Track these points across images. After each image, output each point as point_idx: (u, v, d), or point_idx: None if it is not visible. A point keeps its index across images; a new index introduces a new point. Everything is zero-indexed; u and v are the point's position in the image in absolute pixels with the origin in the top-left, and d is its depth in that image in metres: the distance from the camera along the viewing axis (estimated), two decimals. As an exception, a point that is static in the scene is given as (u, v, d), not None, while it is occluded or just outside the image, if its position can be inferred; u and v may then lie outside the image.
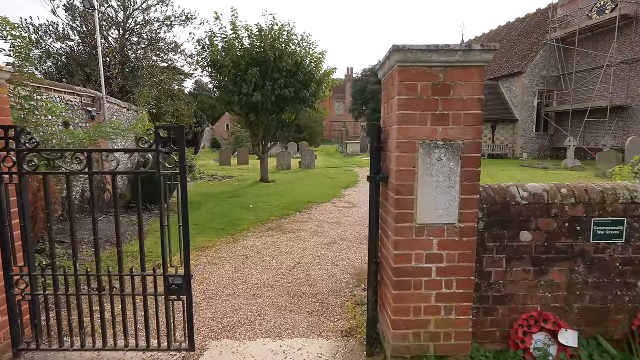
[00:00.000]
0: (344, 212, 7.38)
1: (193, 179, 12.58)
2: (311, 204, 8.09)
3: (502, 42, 26.21)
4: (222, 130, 51.94)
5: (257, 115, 10.92)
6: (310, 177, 13.17)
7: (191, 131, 17.12)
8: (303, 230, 5.93)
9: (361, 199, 8.81)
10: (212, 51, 9.90)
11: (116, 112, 9.10)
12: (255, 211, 7.23)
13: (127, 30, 14.35)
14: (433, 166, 2.04)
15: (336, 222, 6.54)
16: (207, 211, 7.22)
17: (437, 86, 2.01)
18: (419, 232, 2.11)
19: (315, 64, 10.45)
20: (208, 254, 4.78)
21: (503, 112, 22.08)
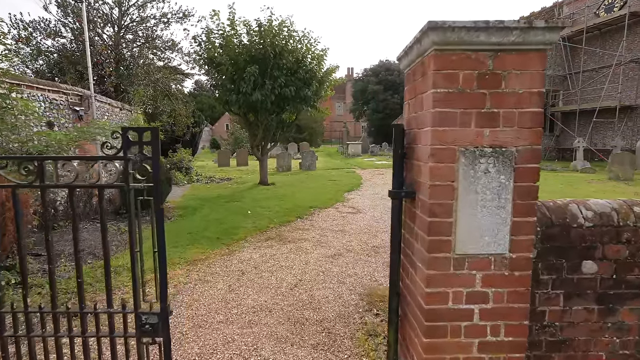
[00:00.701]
0: (348, 218, 6.91)
1: (190, 181, 12.13)
2: (313, 209, 7.62)
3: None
4: (222, 131, 51.49)
5: (256, 115, 10.46)
6: (311, 179, 12.71)
7: (189, 132, 16.64)
8: (305, 240, 5.47)
9: (365, 203, 8.34)
10: (209, 48, 9.44)
11: (107, 111, 8.64)
12: (254, 218, 6.76)
13: (123, 27, 13.90)
14: (478, 180, 1.57)
15: (340, 230, 6.07)
16: (202, 218, 6.75)
17: (484, 76, 1.54)
18: (459, 265, 1.64)
19: (317, 61, 10.00)
20: (200, 268, 4.31)
21: (508, 113, 21.58)
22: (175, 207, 7.81)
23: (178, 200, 8.69)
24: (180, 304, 3.38)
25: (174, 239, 5.39)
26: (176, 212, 7.26)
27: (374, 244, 5.28)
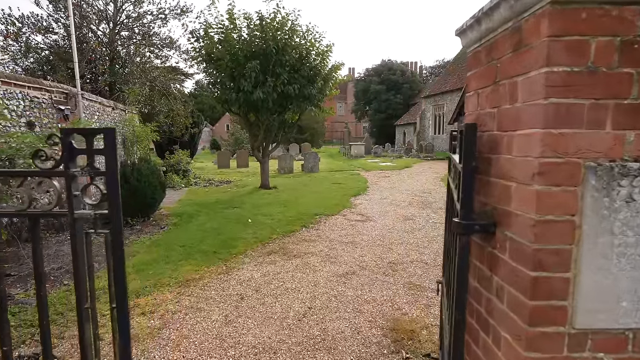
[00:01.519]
0: (358, 227, 6.32)
1: (187, 184, 11.55)
2: (319, 216, 7.03)
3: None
4: (222, 131, 51.01)
5: (257, 115, 9.88)
6: (314, 182, 12.12)
7: (188, 132, 16.06)
8: (312, 254, 4.88)
9: (374, 210, 7.75)
10: (208, 43, 8.85)
11: (98, 111, 8.07)
12: (255, 227, 6.17)
13: (118, 24, 13.34)
14: (616, 214, 0.99)
15: (351, 242, 5.48)
16: (198, 227, 6.16)
17: (631, 46, 0.95)
18: (577, 345, 1.05)
19: (322, 58, 9.42)
20: (193, 292, 3.72)
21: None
22: (169, 214, 7.22)
23: (173, 206, 8.11)
24: (166, 343, 2.79)
25: (165, 253, 4.81)
26: (170, 220, 6.67)
27: (390, 259, 4.69)
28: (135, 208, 6.21)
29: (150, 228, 6.17)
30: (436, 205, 8.17)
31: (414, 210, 7.75)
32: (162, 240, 5.39)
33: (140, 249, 4.98)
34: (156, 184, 6.45)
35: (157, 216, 6.92)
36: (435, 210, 7.64)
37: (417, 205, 8.22)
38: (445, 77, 31.61)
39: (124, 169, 6.16)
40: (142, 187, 6.16)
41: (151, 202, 6.40)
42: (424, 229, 6.14)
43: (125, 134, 10.02)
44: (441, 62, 51.93)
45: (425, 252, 4.96)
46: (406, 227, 6.33)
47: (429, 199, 8.95)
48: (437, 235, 5.73)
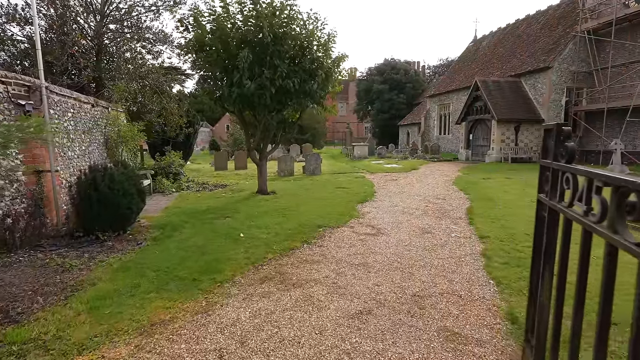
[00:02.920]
0: (368, 243, 5.37)
1: (179, 189, 10.62)
2: (323, 229, 6.09)
3: (522, 37, 24.22)
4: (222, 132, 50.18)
5: (253, 113, 8.95)
6: (317, 186, 11.17)
7: (182, 132, 15.12)
8: (316, 282, 3.93)
9: (385, 220, 6.80)
10: (199, 33, 7.90)
11: (72, 108, 7.13)
12: (247, 243, 5.22)
13: (106, 16, 12.41)
14: None
15: (362, 263, 4.53)
16: (180, 243, 5.21)
17: None
18: None
19: (324, 48, 8.46)
20: (156, 345, 2.76)
21: (527, 112, 20.03)
22: (151, 225, 6.29)
23: (158, 215, 7.17)
24: None
25: (133, 281, 3.86)
26: (150, 234, 5.73)
27: (413, 289, 3.74)
28: (106, 220, 5.27)
29: (124, 244, 5.23)
30: (455, 215, 7.22)
31: (430, 220, 6.80)
32: (133, 261, 4.45)
33: (103, 275, 4.04)
34: (132, 191, 5.51)
35: (136, 229, 5.98)
36: (455, 221, 6.68)
37: (432, 215, 7.27)
38: (451, 76, 30.66)
39: (94, 175, 5.23)
40: (114, 196, 5.23)
41: (126, 214, 5.46)
42: (448, 246, 5.19)
43: (108, 134, 9.10)
44: (445, 61, 50.99)
45: (454, 278, 4.01)
46: (425, 243, 5.38)
47: (445, 207, 7.99)
48: (465, 255, 4.78)
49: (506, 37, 26.57)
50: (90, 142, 8.02)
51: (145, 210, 7.49)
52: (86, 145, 7.73)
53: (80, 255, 4.69)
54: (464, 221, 6.72)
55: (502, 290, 3.66)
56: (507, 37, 26.28)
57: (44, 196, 5.76)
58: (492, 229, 5.94)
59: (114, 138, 9.23)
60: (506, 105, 19.90)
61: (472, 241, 5.41)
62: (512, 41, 25.21)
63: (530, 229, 5.74)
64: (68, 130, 6.90)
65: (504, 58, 24.50)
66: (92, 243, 5.17)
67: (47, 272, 4.11)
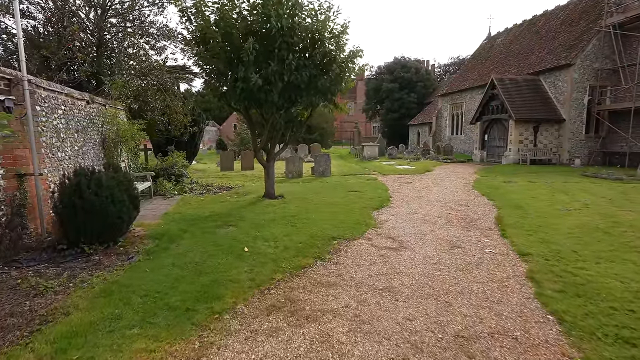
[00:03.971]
0: (391, 260, 4.66)
1: (181, 191, 10.00)
2: (337, 241, 5.39)
3: (540, 33, 23.21)
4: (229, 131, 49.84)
5: (260, 111, 8.29)
6: (327, 189, 10.48)
7: (187, 132, 14.55)
8: (333, 314, 3.24)
9: (406, 230, 6.08)
10: (202, 24, 7.26)
11: (63, 104, 6.55)
12: (252, 260, 4.55)
13: (107, 9, 11.88)
14: None
15: (387, 288, 3.83)
16: (174, 259, 4.55)
17: None
18: None
19: (337, 41, 7.75)
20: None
21: (547, 112, 19.06)
22: (146, 235, 5.66)
23: (156, 222, 6.55)
24: None
25: (115, 311, 3.22)
26: (144, 246, 5.09)
27: (454, 327, 3.03)
28: (92, 231, 4.65)
29: (113, 259, 4.60)
30: (483, 225, 6.47)
31: (456, 231, 6.07)
32: (119, 283, 3.81)
33: (81, 301, 3.40)
34: (123, 198, 4.88)
35: (129, 239, 5.35)
36: (484, 233, 5.94)
37: (458, 224, 6.53)
38: (464, 74, 29.70)
39: (79, 179, 4.60)
40: (102, 204, 4.60)
41: (116, 223, 4.84)
42: (484, 266, 4.46)
43: (105, 133, 8.52)
44: (456, 59, 49.90)
45: (503, 311, 3.29)
46: (457, 260, 4.65)
47: (470, 215, 7.24)
48: (508, 278, 4.05)
49: (522, 33, 25.55)
50: (85, 142, 7.44)
51: (143, 217, 6.89)
52: (79, 145, 7.15)
53: (59, 274, 4.07)
54: (495, 233, 5.97)
55: (568, 331, 2.93)
56: (524, 34, 25.27)
57: (27, 202, 5.17)
58: (531, 243, 5.19)
59: (112, 137, 8.66)
60: (524, 104, 18.97)
61: (512, 259, 4.67)
62: (529, 38, 24.20)
63: (577, 245, 5.00)
64: (58, 129, 6.31)
65: (521, 55, 23.51)
66: (76, 257, 4.55)
67: (17, 297, 3.49)
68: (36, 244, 5.02)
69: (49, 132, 5.99)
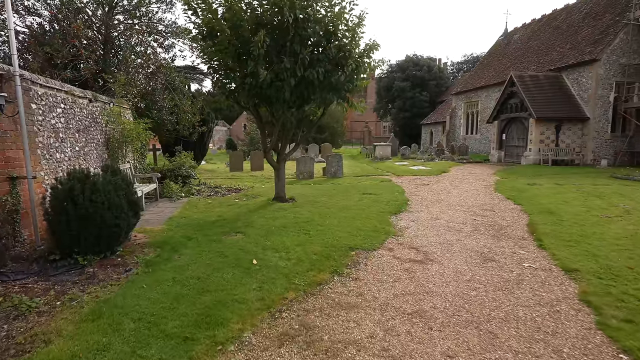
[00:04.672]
0: (417, 276, 4.12)
1: (188, 193, 9.60)
2: (355, 252, 4.88)
3: (561, 28, 22.24)
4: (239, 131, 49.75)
5: (270, 109, 7.81)
6: (340, 192, 9.96)
7: (196, 131, 14.22)
8: (357, 348, 2.73)
9: (430, 240, 5.53)
10: (209, 18, 6.81)
11: (63, 102, 6.18)
12: (262, 274, 4.07)
13: (114, 6, 11.58)
14: None
15: (416, 311, 3.30)
16: (175, 273, 4.10)
17: None
18: None
19: (352, 34, 7.22)
20: None
21: (570, 110, 18.16)
22: (148, 242, 5.23)
23: (159, 227, 6.13)
24: None
25: (103, 338, 2.76)
26: (143, 256, 4.66)
27: (506, 366, 2.49)
28: (87, 240, 4.22)
29: (109, 271, 4.17)
30: (514, 233, 5.87)
31: (485, 240, 5.49)
32: (111, 302, 3.36)
33: (66, 325, 2.97)
34: (121, 204, 4.45)
35: (128, 248, 4.93)
36: (518, 243, 5.34)
37: (485, 232, 5.94)
38: (479, 72, 28.78)
39: (71, 184, 4.18)
40: (97, 210, 4.18)
41: (114, 232, 4.41)
42: (526, 284, 3.88)
43: (109, 133, 8.17)
44: (469, 57, 48.77)
45: (562, 347, 2.73)
46: (492, 277, 4.09)
47: (498, 221, 6.64)
48: (558, 301, 3.47)
49: (542, 29, 24.56)
50: (87, 142, 7.07)
51: (146, 221, 6.50)
52: (81, 145, 6.78)
53: (47, 289, 3.65)
54: (530, 243, 5.36)
55: (651, 378, 2.36)
56: (544, 29, 24.28)
57: (20, 208, 4.79)
58: (576, 257, 4.58)
59: (116, 137, 8.30)
60: (546, 102, 18.11)
61: (557, 276, 4.08)
62: (549, 33, 23.23)
63: (631, 260, 4.36)
64: (57, 129, 5.94)
65: (541, 51, 22.57)
66: (69, 269, 4.14)
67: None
68: (29, 252, 4.63)
69: (47, 131, 5.62)
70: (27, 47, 9.38)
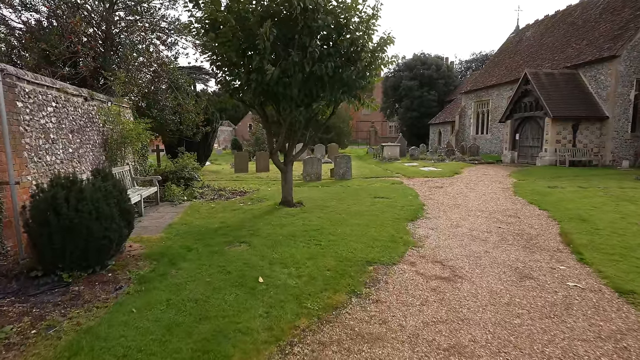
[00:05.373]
0: (447, 297, 3.58)
1: (190, 197, 9.14)
2: (373, 267, 4.34)
3: (577, 23, 21.48)
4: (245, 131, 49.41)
5: (277, 107, 7.31)
6: (350, 195, 9.43)
7: (200, 132, 13.79)
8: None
9: (455, 251, 4.98)
10: (213, 9, 6.31)
11: (55, 101, 5.73)
12: (268, 295, 3.55)
13: (115, 2, 11.16)
14: None
15: (454, 346, 2.76)
16: (171, 293, 3.60)
17: None
18: None
19: (366, 26, 6.69)
20: None
21: (587, 108, 17.43)
22: (144, 254, 4.75)
23: (158, 235, 5.65)
24: None
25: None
26: (137, 271, 4.17)
27: None
28: (72, 255, 3.75)
29: (97, 289, 3.69)
30: (547, 244, 5.29)
31: (516, 252, 4.93)
32: (93, 333, 2.87)
33: None
34: (111, 213, 3.97)
35: (122, 261, 4.45)
36: (554, 256, 4.77)
37: (515, 242, 5.38)
38: (490, 70, 28.04)
39: (55, 191, 3.71)
40: (83, 221, 3.70)
41: (103, 245, 3.93)
42: (576, 309, 3.32)
43: (107, 133, 7.73)
44: (478, 55, 47.91)
45: (643, 399, 2.17)
46: (535, 299, 3.53)
47: (525, 229, 6.06)
48: (621, 333, 2.91)
49: (556, 25, 23.79)
50: (82, 144, 6.63)
51: (145, 229, 6.04)
52: (75, 147, 6.33)
53: (22, 314, 3.18)
54: (567, 256, 4.79)
55: None
56: (558, 25, 23.51)
57: (2, 217, 4.34)
58: (627, 274, 4.01)
59: (114, 138, 7.86)
60: (562, 101, 17.40)
61: (610, 300, 3.51)
62: (564, 29, 22.46)
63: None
64: (47, 129, 5.49)
65: (555, 48, 21.82)
66: (52, 287, 3.67)
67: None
68: (11, 267, 4.17)
69: (35, 132, 5.17)
70: (24, 44, 8.99)
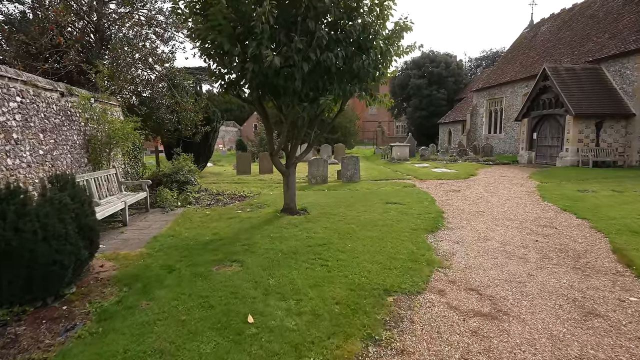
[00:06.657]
0: (494, 347, 2.70)
1: (184, 202, 8.34)
2: (393, 297, 3.47)
3: (597, 16, 20.32)
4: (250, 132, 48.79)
5: (278, 103, 6.48)
6: (360, 200, 8.56)
7: (199, 132, 13.04)
8: None
9: (491, 274, 4.08)
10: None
11: (20, 94, 4.95)
12: (259, 344, 2.69)
13: (107, -7, 10.45)
14: None
15: None
16: (133, 337, 2.74)
17: None
18: None
19: (379, 10, 5.82)
20: None
21: (611, 105, 16.33)
22: (114, 277, 3.94)
23: (136, 253, 4.84)
24: None
25: None
26: (100, 301, 3.36)
27: None
28: (13, 285, 2.95)
29: (43, 330, 2.88)
30: (600, 263, 4.37)
31: (567, 275, 4.02)
32: None
33: None
34: (65, 232, 3.16)
35: (86, 287, 3.64)
36: (615, 280, 3.85)
37: (560, 261, 4.46)
38: (503, 67, 26.93)
39: (-12, 206, 2.91)
40: (25, 243, 2.89)
41: (52, 272, 3.11)
42: (680, 369, 2.42)
43: (90, 133, 6.96)
44: (488, 52, 46.71)
45: None
46: (614, 351, 2.64)
47: (568, 243, 5.13)
48: None
49: (574, 18, 22.64)
50: (57, 144, 5.85)
51: (124, 242, 5.24)
52: (47, 148, 5.56)
53: None
54: (631, 281, 3.87)
55: None
56: (576, 19, 22.36)
57: (-61, 233, 3.54)
58: None
59: (100, 138, 7.09)
60: (584, 97, 16.32)
61: None
62: (582, 22, 21.31)
63: None
64: (8, 128, 4.71)
65: (574, 42, 20.69)
66: None
67: None
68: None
69: (-9, 131, 4.41)
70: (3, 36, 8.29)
